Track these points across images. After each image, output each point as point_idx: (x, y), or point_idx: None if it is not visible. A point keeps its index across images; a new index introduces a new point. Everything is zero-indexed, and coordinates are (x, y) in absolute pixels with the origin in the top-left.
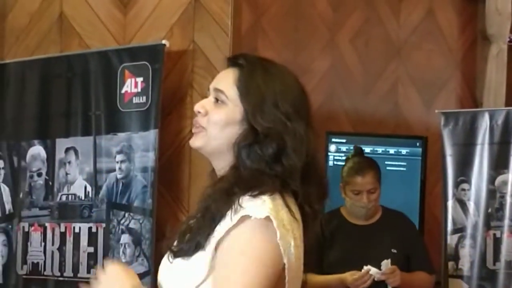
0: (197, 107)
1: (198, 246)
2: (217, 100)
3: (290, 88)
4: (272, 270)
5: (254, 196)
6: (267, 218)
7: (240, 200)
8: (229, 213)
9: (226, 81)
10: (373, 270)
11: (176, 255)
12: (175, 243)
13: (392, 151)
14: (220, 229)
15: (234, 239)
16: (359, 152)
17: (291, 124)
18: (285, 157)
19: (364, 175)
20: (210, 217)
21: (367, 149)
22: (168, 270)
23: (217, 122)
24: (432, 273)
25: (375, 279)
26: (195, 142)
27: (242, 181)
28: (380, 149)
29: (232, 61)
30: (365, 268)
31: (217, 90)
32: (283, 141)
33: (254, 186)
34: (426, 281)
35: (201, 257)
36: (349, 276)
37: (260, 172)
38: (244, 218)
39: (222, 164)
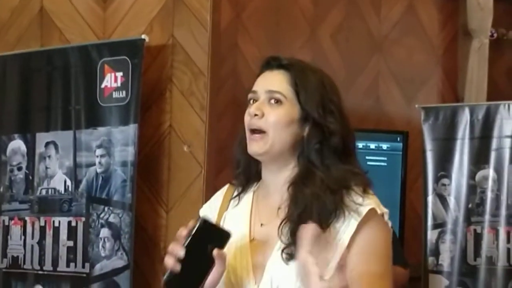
0: (254, 109)
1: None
2: (270, 101)
3: (333, 84)
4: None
5: (363, 191)
6: (385, 213)
7: (354, 197)
8: (345, 210)
9: (280, 82)
10: None
11: (293, 256)
12: (284, 245)
13: (373, 146)
14: (343, 225)
15: (372, 233)
16: None
17: (343, 117)
18: (350, 149)
19: None
20: (319, 217)
21: None
22: (286, 272)
23: (278, 122)
24: (407, 266)
25: None
26: (257, 148)
27: (338, 180)
28: (361, 144)
29: (277, 64)
30: None
31: (271, 91)
32: (346, 135)
33: (354, 183)
34: (401, 275)
35: (327, 255)
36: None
37: (347, 169)
38: (372, 212)
39: (282, 165)
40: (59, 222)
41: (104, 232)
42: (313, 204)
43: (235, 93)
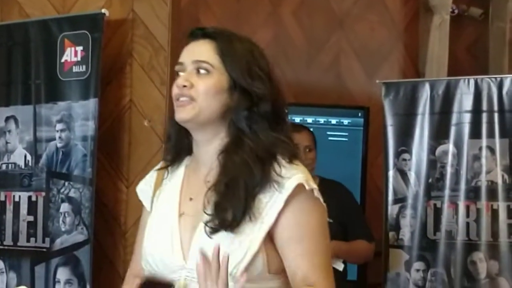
0: (181, 81)
1: (244, 217)
2: (198, 71)
3: (261, 51)
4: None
5: (289, 162)
6: (315, 189)
7: (278, 168)
8: (270, 182)
9: (206, 52)
10: None
11: (216, 229)
12: (207, 218)
13: (334, 121)
14: (271, 200)
15: (300, 211)
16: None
17: (273, 83)
18: (280, 117)
19: (301, 132)
20: (246, 187)
21: (309, 120)
22: (211, 247)
23: (208, 91)
24: (372, 241)
25: None
26: (184, 114)
27: (266, 147)
28: (322, 120)
29: (202, 33)
30: None
31: (198, 61)
32: (275, 101)
33: (280, 151)
34: (366, 249)
35: (253, 228)
36: None
37: (275, 136)
38: (300, 187)
39: (211, 135)
40: (19, 197)
41: (65, 207)
42: (240, 173)
43: None
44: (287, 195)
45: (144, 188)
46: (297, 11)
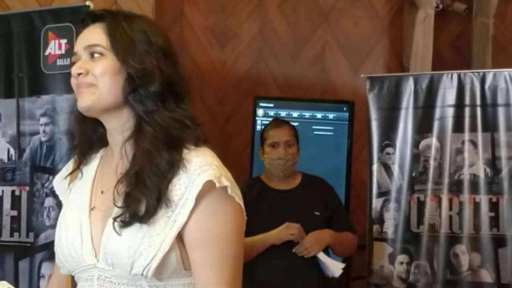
0: (75, 69)
1: (159, 206)
2: (92, 56)
3: (155, 29)
4: (243, 229)
5: (195, 147)
6: (226, 187)
7: (187, 156)
8: (178, 171)
9: (96, 35)
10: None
11: (128, 223)
12: (117, 212)
13: (319, 115)
14: (179, 193)
15: (209, 212)
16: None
17: (169, 61)
18: (179, 97)
19: (281, 127)
20: (156, 175)
21: (295, 114)
22: (119, 245)
23: (105, 73)
24: (355, 233)
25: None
26: (84, 101)
27: (165, 131)
28: (307, 114)
29: (94, 17)
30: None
31: (90, 46)
32: (171, 80)
33: (183, 134)
34: (352, 241)
35: (164, 227)
36: (283, 226)
37: (172, 117)
38: (209, 185)
39: (119, 123)
40: (3, 191)
41: (49, 201)
42: (147, 161)
43: (181, 61)
44: (197, 193)
45: (59, 181)
46: (282, 4)
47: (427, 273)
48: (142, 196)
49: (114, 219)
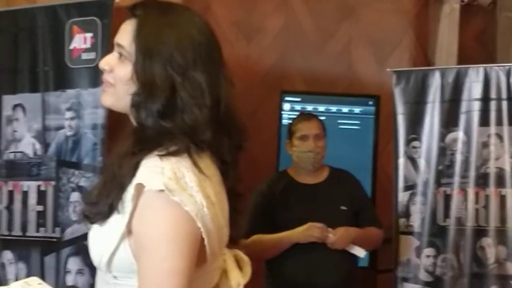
0: (102, 64)
1: (110, 210)
2: (120, 55)
3: (189, 36)
4: (189, 240)
5: (161, 156)
6: (162, 191)
7: (143, 162)
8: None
9: (126, 35)
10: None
11: (91, 221)
12: (86, 209)
13: (345, 110)
14: (126, 204)
15: (141, 218)
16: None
17: (185, 75)
18: (182, 111)
19: (310, 120)
20: (116, 180)
21: (321, 108)
22: (90, 238)
23: (122, 78)
24: (381, 227)
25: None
26: (105, 100)
27: (143, 141)
28: (333, 108)
29: (131, 12)
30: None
31: (118, 45)
32: (174, 95)
33: (155, 146)
34: (378, 236)
35: (116, 222)
36: (307, 226)
37: (164, 130)
38: (139, 188)
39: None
40: (28, 186)
41: (75, 196)
42: (114, 167)
43: None
44: (131, 195)
45: None
46: None
47: (454, 266)
48: (100, 199)
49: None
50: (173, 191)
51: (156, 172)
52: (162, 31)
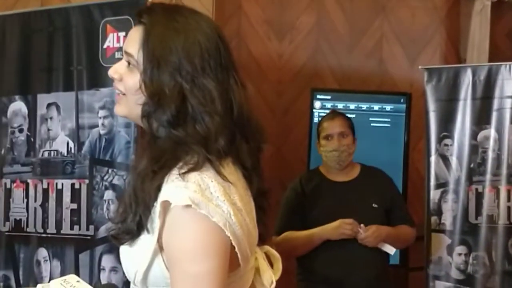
0: (111, 72)
1: (139, 229)
2: (129, 63)
3: (197, 42)
4: (219, 250)
5: (183, 174)
6: (189, 206)
7: (166, 179)
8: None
9: (133, 42)
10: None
11: (120, 242)
12: (115, 226)
13: (376, 107)
14: (155, 215)
15: (171, 233)
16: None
17: (194, 83)
18: (193, 119)
19: (334, 118)
20: (140, 201)
21: (352, 106)
22: (122, 257)
23: (131, 88)
24: (414, 225)
25: (358, 237)
26: (118, 110)
27: (159, 157)
28: (364, 106)
29: (137, 18)
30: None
31: (126, 53)
32: (184, 103)
33: (173, 163)
34: (410, 234)
35: (146, 241)
36: (338, 223)
37: (177, 140)
38: (165, 205)
39: None
40: (62, 184)
41: (108, 194)
42: (137, 189)
43: (239, 54)
44: (158, 212)
45: None
46: None
47: (486, 264)
48: (126, 217)
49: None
50: (199, 204)
51: (180, 187)
52: (168, 39)
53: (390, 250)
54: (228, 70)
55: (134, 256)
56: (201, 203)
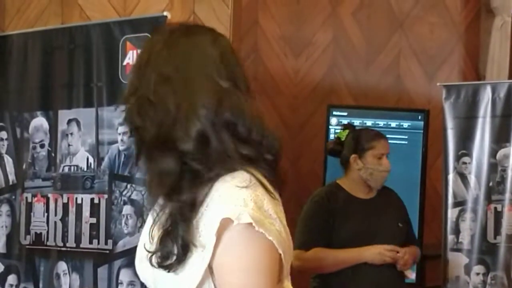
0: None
1: (185, 251)
2: None
3: (191, 61)
4: (274, 268)
5: (233, 178)
6: (250, 224)
7: (217, 186)
8: (208, 202)
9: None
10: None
11: (168, 269)
12: (151, 246)
13: (394, 124)
14: (204, 230)
15: (228, 252)
16: (352, 126)
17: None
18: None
19: (384, 138)
20: (185, 213)
21: (369, 122)
22: (160, 283)
23: None
24: (418, 246)
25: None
26: None
27: (211, 161)
28: (381, 123)
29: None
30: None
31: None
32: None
33: (225, 166)
34: (418, 255)
35: (196, 260)
36: (379, 249)
37: (225, 151)
38: (227, 222)
39: None
40: (82, 199)
41: (127, 209)
42: (173, 205)
43: (256, 70)
44: (216, 230)
45: None
46: (356, 12)
47: (504, 284)
48: (171, 244)
49: (150, 262)
50: (258, 222)
51: (240, 205)
52: (172, 59)
53: (410, 273)
54: (241, 81)
55: (180, 282)
56: (260, 221)
